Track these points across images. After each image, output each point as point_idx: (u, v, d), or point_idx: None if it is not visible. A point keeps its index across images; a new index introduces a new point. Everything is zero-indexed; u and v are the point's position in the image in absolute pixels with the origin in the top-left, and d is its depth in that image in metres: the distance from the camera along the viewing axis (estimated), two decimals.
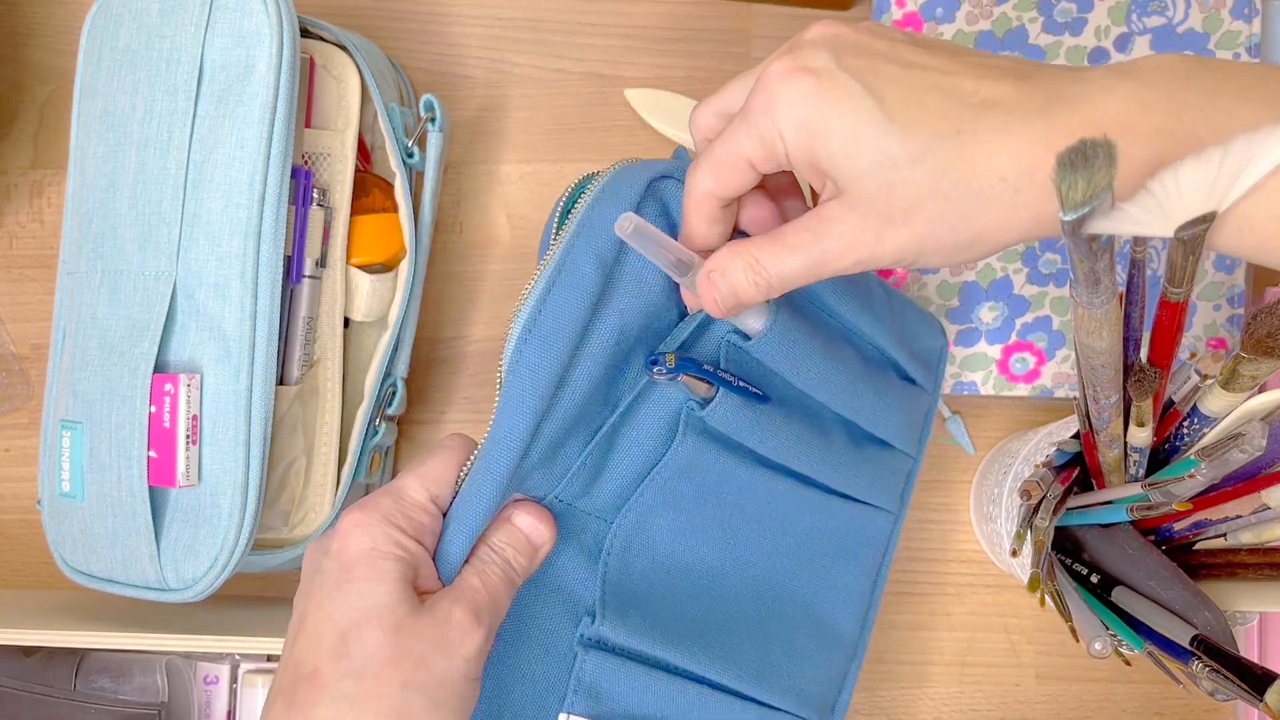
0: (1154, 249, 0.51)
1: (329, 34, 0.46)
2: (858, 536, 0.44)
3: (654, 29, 0.55)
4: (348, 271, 0.47)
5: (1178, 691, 0.55)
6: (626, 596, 0.38)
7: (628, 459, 0.37)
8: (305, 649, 0.30)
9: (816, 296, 0.40)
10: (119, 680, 0.50)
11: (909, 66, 0.29)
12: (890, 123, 0.28)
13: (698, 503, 0.39)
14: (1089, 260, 0.28)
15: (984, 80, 0.28)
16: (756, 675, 0.40)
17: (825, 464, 0.41)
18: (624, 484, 0.38)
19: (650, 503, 0.38)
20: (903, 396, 0.44)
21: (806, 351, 0.38)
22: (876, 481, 0.44)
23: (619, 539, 0.38)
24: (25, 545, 0.55)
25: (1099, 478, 0.42)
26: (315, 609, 0.31)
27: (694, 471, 0.38)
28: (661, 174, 0.36)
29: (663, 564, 0.39)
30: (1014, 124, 0.27)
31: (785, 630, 0.42)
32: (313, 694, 0.29)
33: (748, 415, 0.38)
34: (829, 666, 0.44)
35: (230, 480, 0.42)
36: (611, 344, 0.35)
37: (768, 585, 0.42)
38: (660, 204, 0.36)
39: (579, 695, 0.37)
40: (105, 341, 0.43)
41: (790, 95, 0.29)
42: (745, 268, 0.31)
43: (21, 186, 0.56)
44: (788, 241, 0.31)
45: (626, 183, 0.35)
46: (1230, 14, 0.50)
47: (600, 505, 0.38)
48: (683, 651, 0.39)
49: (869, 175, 0.28)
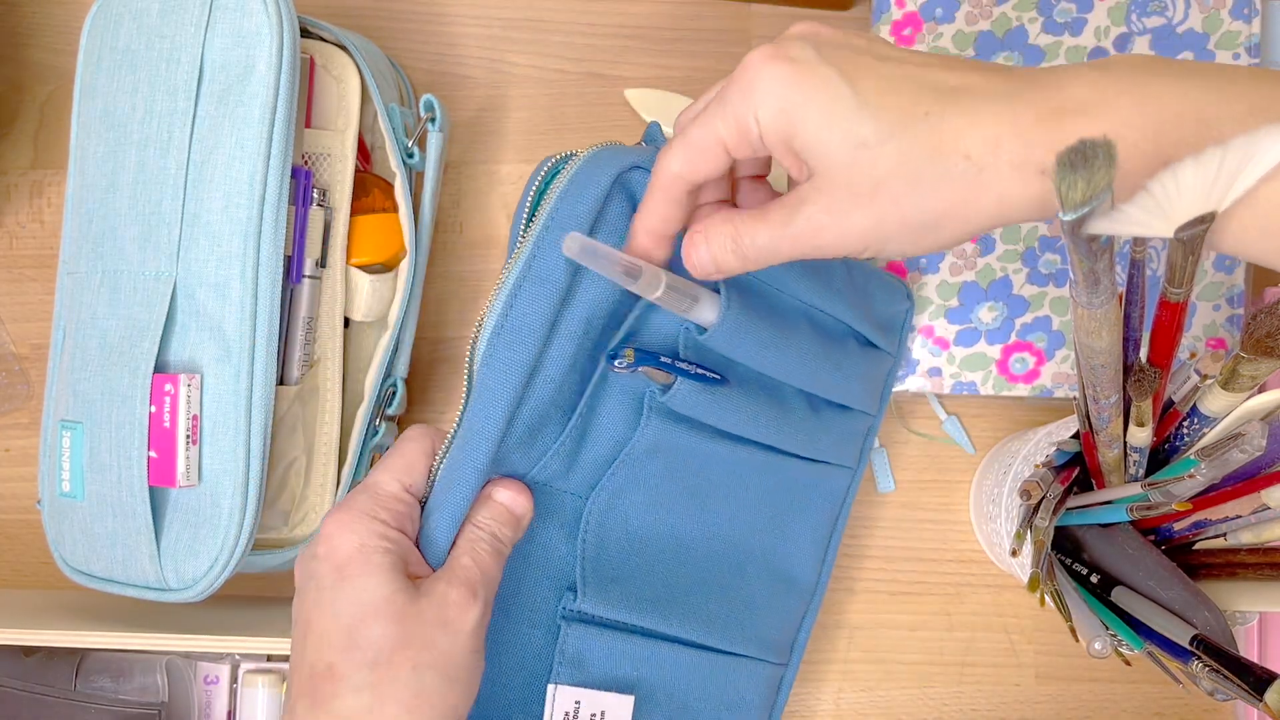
0: (1154, 249, 0.51)
1: (329, 34, 0.46)
2: (815, 492, 0.47)
3: (654, 29, 0.55)
4: (348, 271, 0.47)
5: (1177, 691, 0.55)
6: (604, 570, 0.41)
7: (601, 441, 0.40)
8: (316, 650, 0.31)
9: (776, 278, 0.41)
10: (119, 680, 0.50)
11: (885, 59, 0.30)
12: (863, 106, 0.29)
13: (667, 479, 0.42)
14: (1088, 260, 0.28)
15: (955, 71, 0.29)
16: (722, 629, 0.44)
17: (785, 433, 0.43)
18: (598, 464, 0.40)
19: (621, 482, 0.41)
20: (862, 363, 0.46)
21: (760, 339, 0.40)
22: (835, 443, 0.46)
23: (594, 516, 0.40)
24: (25, 545, 0.55)
25: (1099, 478, 0.42)
26: (318, 612, 0.32)
27: (660, 451, 0.41)
28: (631, 165, 0.37)
29: (636, 536, 0.42)
30: (982, 105, 0.28)
31: (747, 585, 0.45)
32: (332, 688, 0.31)
33: (706, 397, 0.40)
34: (787, 611, 0.47)
35: (230, 480, 0.42)
36: (580, 333, 0.36)
37: (730, 546, 0.44)
38: (628, 195, 0.37)
39: (564, 666, 0.40)
40: (105, 341, 0.43)
41: (768, 80, 0.30)
42: (729, 235, 0.32)
43: (21, 186, 0.56)
44: (769, 218, 0.31)
45: (593, 177, 0.36)
46: (1230, 14, 0.50)
47: (578, 484, 0.40)
48: (656, 616, 0.42)
49: (839, 155, 0.29)
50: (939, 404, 0.55)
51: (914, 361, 0.51)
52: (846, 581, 0.55)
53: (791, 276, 0.42)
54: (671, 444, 0.41)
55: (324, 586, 0.32)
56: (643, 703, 0.42)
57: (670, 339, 0.40)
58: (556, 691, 0.40)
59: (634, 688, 0.42)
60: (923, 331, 0.51)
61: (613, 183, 0.36)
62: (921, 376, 0.51)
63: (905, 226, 0.29)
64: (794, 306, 0.43)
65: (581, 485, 0.40)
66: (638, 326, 0.39)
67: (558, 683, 0.40)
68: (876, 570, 0.55)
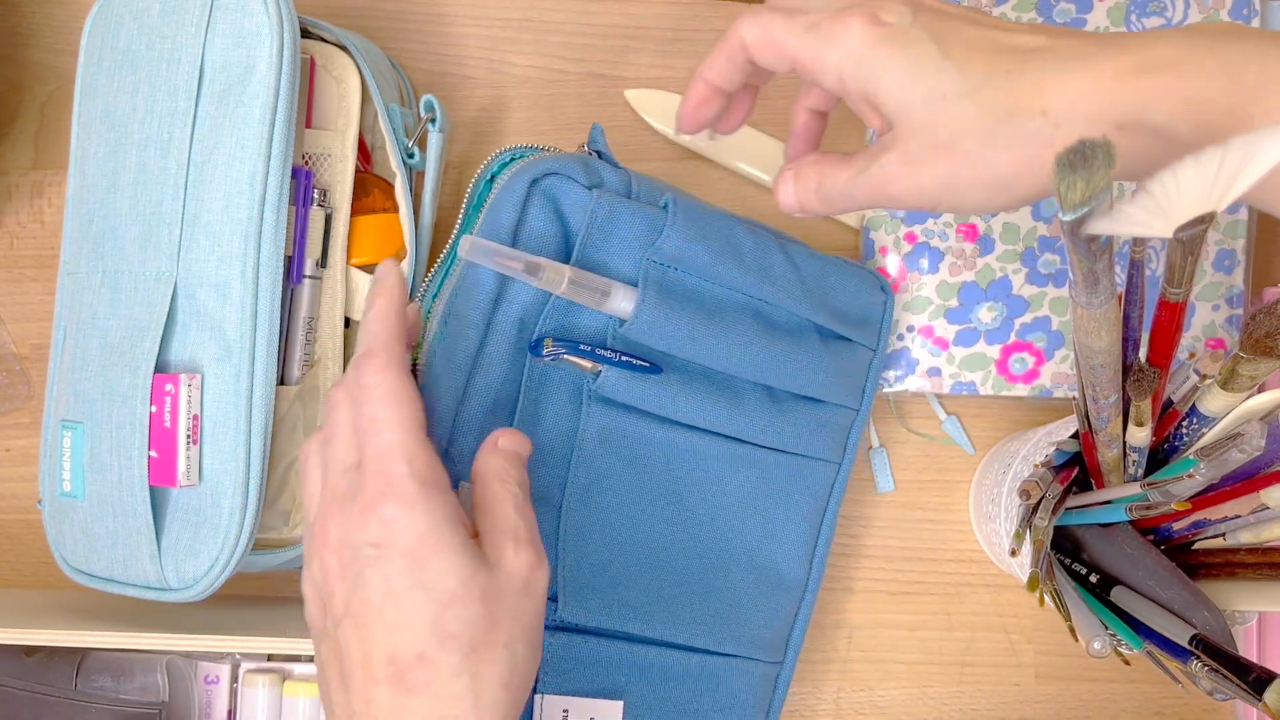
0: (1153, 249, 0.51)
1: (329, 34, 0.46)
2: (796, 487, 0.47)
3: (654, 29, 0.55)
4: (348, 271, 0.47)
5: (1177, 691, 0.55)
6: (583, 578, 0.41)
7: (552, 433, 0.41)
8: (395, 638, 0.30)
9: (709, 271, 0.43)
10: (120, 680, 0.50)
11: (975, 24, 0.31)
12: (946, 60, 0.30)
13: (633, 474, 0.43)
14: (1088, 260, 0.28)
15: (1039, 35, 0.30)
16: (709, 630, 0.44)
17: (737, 422, 0.44)
18: (558, 464, 0.41)
19: (585, 481, 0.42)
20: (824, 355, 0.46)
21: (686, 330, 0.41)
22: (807, 435, 0.47)
23: (569, 522, 0.41)
24: (26, 545, 0.55)
25: (1098, 477, 0.42)
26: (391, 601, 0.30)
27: (612, 442, 0.42)
28: (545, 171, 0.40)
29: (614, 541, 0.42)
30: (1063, 63, 0.28)
31: (732, 584, 0.46)
32: (427, 675, 0.30)
33: (641, 384, 0.41)
34: (777, 609, 0.47)
35: (231, 480, 0.42)
36: (514, 333, 0.40)
37: (711, 544, 0.45)
38: (549, 199, 0.40)
39: (549, 676, 0.40)
40: (106, 341, 0.43)
41: (856, 41, 0.31)
42: (813, 176, 0.34)
43: (22, 187, 0.56)
44: (851, 164, 0.33)
45: (512, 187, 0.40)
46: (1229, 14, 0.50)
47: (545, 488, 0.41)
48: (639, 621, 0.42)
49: (919, 108, 0.30)
50: (938, 404, 0.55)
51: (914, 361, 0.51)
52: (846, 581, 0.55)
53: (724, 266, 0.43)
54: (621, 432, 0.42)
55: (394, 573, 0.30)
56: (632, 708, 0.42)
57: (599, 333, 0.41)
58: (544, 701, 0.40)
59: (623, 693, 0.42)
60: (922, 331, 0.51)
61: (529, 188, 0.39)
62: (921, 376, 0.51)
63: (978, 182, 0.30)
64: (738, 301, 0.44)
65: (549, 486, 0.41)
66: (567, 323, 0.41)
67: (544, 693, 0.40)
68: (876, 570, 0.55)
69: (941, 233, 0.51)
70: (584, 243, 0.41)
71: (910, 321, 0.51)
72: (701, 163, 0.54)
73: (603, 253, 0.41)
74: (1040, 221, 0.51)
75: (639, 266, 0.41)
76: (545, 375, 0.41)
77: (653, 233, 0.41)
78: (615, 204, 0.41)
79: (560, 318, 0.41)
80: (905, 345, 0.51)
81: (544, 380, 0.41)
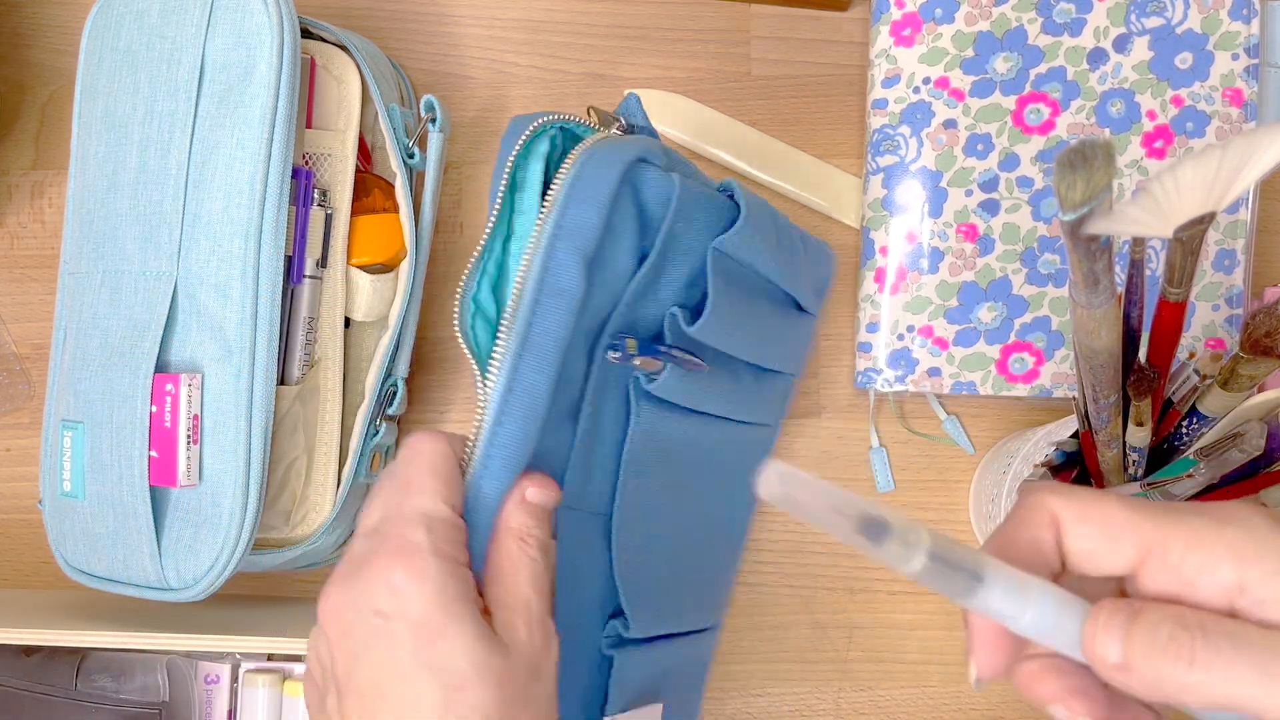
0: (1153, 249, 0.51)
1: (329, 34, 0.46)
2: (758, 450, 0.49)
3: (654, 29, 0.55)
4: (348, 271, 0.47)
5: None
6: (645, 595, 0.40)
7: (605, 440, 0.39)
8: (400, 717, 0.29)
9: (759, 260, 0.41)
10: (120, 680, 0.50)
11: None
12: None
13: (665, 470, 0.42)
14: (1087, 261, 0.28)
15: None
16: (717, 606, 0.47)
17: (737, 404, 0.44)
18: (608, 473, 0.39)
19: (633, 487, 0.40)
20: (798, 328, 0.47)
21: (732, 324, 0.40)
22: (776, 406, 0.49)
23: (626, 543, 0.40)
24: (26, 545, 0.55)
25: (1098, 478, 0.42)
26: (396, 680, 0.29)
27: (653, 442, 0.40)
28: (635, 157, 0.34)
29: (662, 548, 0.42)
30: None
31: (733, 560, 0.49)
32: None
33: (689, 382, 0.40)
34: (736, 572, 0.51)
35: (231, 480, 0.42)
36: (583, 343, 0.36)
37: (723, 527, 0.47)
38: (634, 195, 0.35)
39: (617, 692, 0.40)
40: (106, 341, 0.43)
41: None
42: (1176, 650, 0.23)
43: (23, 187, 0.56)
44: None
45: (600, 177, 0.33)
46: (1229, 15, 0.50)
47: (595, 499, 0.39)
48: (682, 621, 0.43)
49: None
50: (939, 404, 0.55)
51: (914, 361, 0.51)
52: (846, 581, 0.55)
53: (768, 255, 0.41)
54: (657, 431, 0.40)
55: (400, 647, 0.29)
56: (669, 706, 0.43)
57: (653, 327, 0.38)
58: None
59: (660, 691, 0.42)
60: (922, 331, 0.51)
61: (620, 181, 0.33)
62: (921, 376, 0.52)
63: None
64: (756, 284, 0.42)
65: (599, 499, 0.39)
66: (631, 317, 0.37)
67: (611, 713, 0.39)
68: (876, 570, 0.55)
69: (941, 233, 0.51)
70: (669, 232, 0.36)
71: (910, 321, 0.51)
72: (701, 163, 0.55)
73: (682, 242, 0.37)
74: (1040, 221, 0.51)
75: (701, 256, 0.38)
76: (605, 377, 0.37)
77: (717, 218, 0.38)
78: (694, 190, 0.37)
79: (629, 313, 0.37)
80: (905, 345, 0.51)
81: (604, 383, 0.37)
